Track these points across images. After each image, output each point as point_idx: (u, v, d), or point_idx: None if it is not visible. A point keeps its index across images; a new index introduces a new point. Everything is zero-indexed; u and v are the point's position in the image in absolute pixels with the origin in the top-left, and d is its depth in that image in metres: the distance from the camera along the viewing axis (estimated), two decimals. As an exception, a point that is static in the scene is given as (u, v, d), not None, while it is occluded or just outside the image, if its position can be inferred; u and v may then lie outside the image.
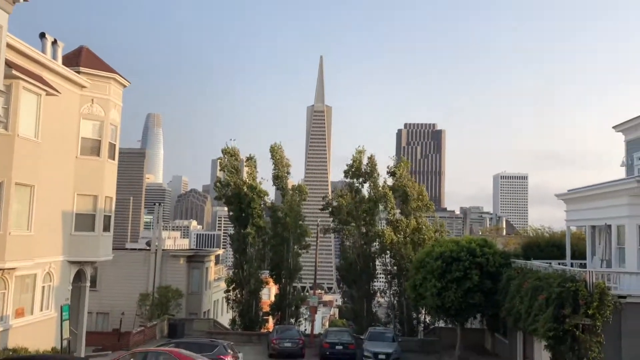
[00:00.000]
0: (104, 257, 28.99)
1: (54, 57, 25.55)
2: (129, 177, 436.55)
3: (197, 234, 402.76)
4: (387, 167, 46.51)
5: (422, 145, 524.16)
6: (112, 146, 28.80)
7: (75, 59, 27.57)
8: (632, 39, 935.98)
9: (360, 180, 46.69)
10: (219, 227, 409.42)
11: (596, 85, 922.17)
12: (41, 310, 25.20)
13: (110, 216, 29.01)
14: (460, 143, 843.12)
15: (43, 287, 25.34)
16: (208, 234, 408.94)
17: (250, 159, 47.30)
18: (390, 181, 46.48)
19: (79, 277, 28.73)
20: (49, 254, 25.51)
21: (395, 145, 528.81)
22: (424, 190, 46.71)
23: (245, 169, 46.53)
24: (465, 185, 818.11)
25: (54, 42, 25.75)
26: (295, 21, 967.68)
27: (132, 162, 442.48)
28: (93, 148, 27.72)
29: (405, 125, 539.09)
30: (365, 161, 47.15)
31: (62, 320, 24.90)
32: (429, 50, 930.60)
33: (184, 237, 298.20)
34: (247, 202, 44.27)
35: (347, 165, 47.09)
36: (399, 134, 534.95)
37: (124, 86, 29.78)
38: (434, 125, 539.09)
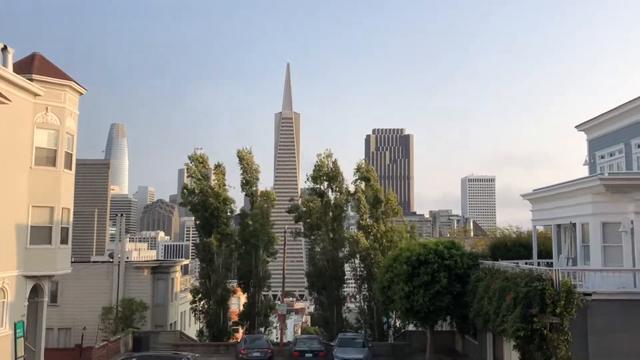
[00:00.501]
0: (62, 271, 28.07)
1: (4, 63, 24.70)
2: (94, 189, 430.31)
3: (165, 245, 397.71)
4: (359, 171, 46.23)
5: (391, 150, 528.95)
6: (68, 156, 27.95)
7: (28, 66, 26.71)
8: (594, 37, 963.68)
9: (325, 184, 46.46)
10: (187, 237, 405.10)
11: (558, 86, 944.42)
12: (-5, 327, 24.18)
13: (67, 228, 28.13)
14: (428, 147, 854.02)
15: (-4, 303, 24.33)
16: (176, 245, 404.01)
17: (218, 166, 46.71)
18: (362, 186, 46.29)
19: (35, 292, 27.73)
20: (2, 269, 24.52)
21: (364, 150, 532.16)
22: (392, 194, 46.74)
23: (213, 177, 45.84)
24: (434, 189, 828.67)
25: (4, 49, 24.93)
26: (261, 27, 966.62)
27: (96, 174, 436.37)
28: (48, 158, 26.85)
29: (374, 130, 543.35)
30: (330, 166, 46.99)
31: (16, 338, 23.93)
32: (395, 55, 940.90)
33: (151, 249, 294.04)
34: (211, 210, 43.59)
35: (312, 170, 46.87)
36: (367, 139, 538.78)
37: (80, 94, 29.00)
38: (402, 130, 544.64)
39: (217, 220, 43.57)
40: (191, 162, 45.65)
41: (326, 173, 46.38)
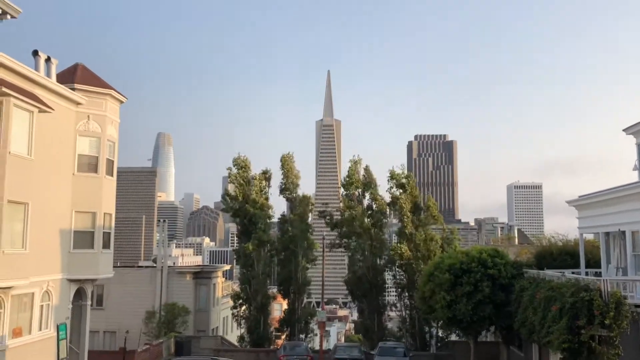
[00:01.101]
0: (104, 275, 28.48)
1: (48, 74, 25.31)
2: (141, 196, 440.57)
3: (210, 251, 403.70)
4: (394, 178, 45.41)
5: (434, 156, 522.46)
6: (110, 162, 28.43)
7: (71, 75, 27.35)
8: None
9: (360, 191, 46.03)
10: (231, 243, 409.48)
11: (606, 90, 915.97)
12: (40, 329, 24.69)
13: (109, 233, 28.55)
14: (472, 153, 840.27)
15: (41, 305, 24.85)
16: (221, 251, 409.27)
17: (265, 172, 46.69)
18: (398, 193, 45.49)
19: (79, 295, 28.24)
20: (46, 273, 25.05)
21: (407, 157, 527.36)
22: (432, 200, 45.77)
23: (254, 182, 45.66)
24: (478, 196, 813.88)
25: (48, 60, 25.54)
26: (301, 36, 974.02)
27: (143, 181, 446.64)
28: (90, 165, 27.35)
29: (416, 136, 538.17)
30: (362, 172, 46.57)
31: (58, 340, 24.36)
32: (437, 60, 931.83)
33: (197, 254, 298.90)
34: (249, 217, 43.66)
35: (343, 178, 46.65)
36: (409, 145, 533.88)
37: (121, 102, 29.50)
38: (445, 136, 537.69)
39: (255, 226, 43.57)
40: (234, 167, 45.76)
41: (357, 180, 46.04)
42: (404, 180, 45.20)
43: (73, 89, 26.67)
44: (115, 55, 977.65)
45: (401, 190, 45.14)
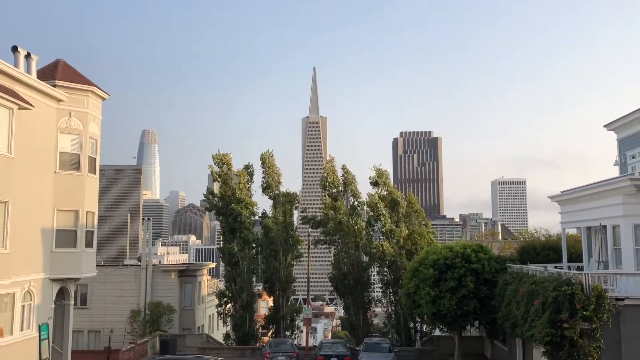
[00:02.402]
0: (87, 274, 28.23)
1: (28, 70, 24.95)
2: (126, 194, 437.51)
3: (196, 249, 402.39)
4: (369, 178, 45.69)
5: (419, 153, 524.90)
6: (92, 160, 28.15)
7: (51, 72, 26.99)
8: (623, 39, 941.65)
9: (334, 190, 46.19)
10: (217, 241, 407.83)
11: (588, 87, 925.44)
12: (22, 330, 24.41)
13: (92, 231, 28.29)
14: (457, 150, 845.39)
15: (23, 306, 24.57)
16: (207, 249, 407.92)
17: (246, 167, 46.29)
18: (374, 191, 45.72)
19: (62, 294, 27.93)
20: (28, 272, 24.74)
21: (392, 154, 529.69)
22: (412, 195, 45.83)
23: (236, 179, 45.34)
24: (463, 192, 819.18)
25: (27, 56, 25.18)
26: (287, 33, 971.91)
27: (128, 179, 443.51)
28: (72, 162, 27.05)
29: (402, 133, 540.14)
30: (340, 172, 46.87)
31: (40, 340, 24.07)
32: (423, 57, 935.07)
33: (182, 252, 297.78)
34: (234, 215, 43.44)
35: (321, 179, 46.83)
36: (395, 142, 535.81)
37: (103, 99, 29.21)
38: (430, 132, 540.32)
39: (241, 225, 43.36)
40: (215, 164, 45.31)
41: (336, 180, 46.21)
42: (378, 180, 45.24)
43: (54, 86, 26.33)
44: (98, 51, 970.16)
45: (377, 190, 45.28)
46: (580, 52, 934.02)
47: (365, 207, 45.42)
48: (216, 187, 46.73)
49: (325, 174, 46.87)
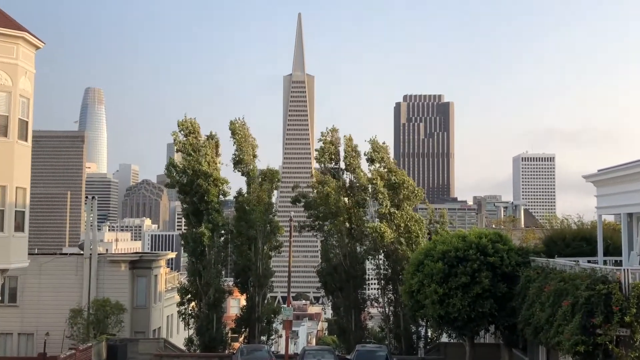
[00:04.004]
0: (17, 264, 28.11)
1: (-57, 9, 24.50)
2: (65, 167, 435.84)
3: (152, 235, 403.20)
4: (365, 153, 46.12)
5: (426, 121, 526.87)
6: (23, 123, 27.90)
7: (-28, 13, 26.54)
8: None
9: (337, 165, 46.50)
10: (178, 226, 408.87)
11: (629, 53, 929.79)
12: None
13: (23, 212, 28.13)
14: (473, 118, 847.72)
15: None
16: (165, 235, 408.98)
17: (211, 137, 46.28)
18: (371, 168, 46.03)
19: (-14, 289, 27.86)
20: (-57, 261, 24.59)
21: (393, 122, 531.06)
22: (406, 177, 45.73)
23: (205, 150, 45.20)
24: (479, 170, 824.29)
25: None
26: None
27: (68, 149, 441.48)
28: (-2, 126, 26.77)
29: (405, 97, 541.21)
30: (342, 144, 46.94)
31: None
32: (433, 6, 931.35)
33: (135, 239, 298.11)
34: (200, 194, 43.41)
35: (317, 150, 47.01)
36: (397, 108, 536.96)
37: (37, 48, 28.87)
38: (440, 96, 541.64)
39: (207, 205, 43.37)
40: (180, 132, 45.30)
41: (334, 151, 46.41)
42: (373, 155, 45.44)
43: (-25, 31, 25.92)
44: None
45: (376, 165, 45.59)
46: (612, 20, 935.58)
47: (368, 185, 45.63)
48: (178, 158, 46.65)
49: (323, 144, 46.74)
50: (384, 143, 46.86)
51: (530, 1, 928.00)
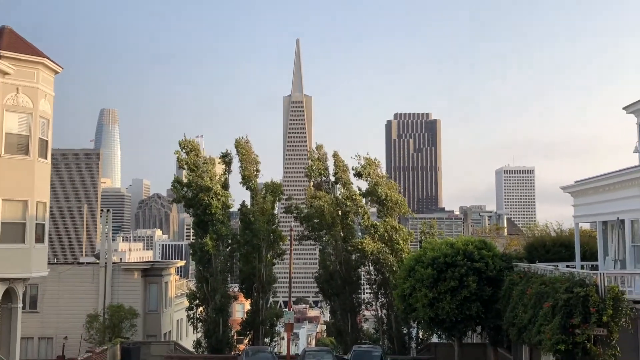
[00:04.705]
0: (37, 273, 28.02)
1: (-32, 38, 24.54)
2: (82, 182, 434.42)
3: (163, 245, 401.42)
4: (353, 169, 46.01)
5: (415, 137, 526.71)
6: (43, 143, 27.87)
7: (-5, 40, 26.55)
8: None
9: (327, 179, 46.50)
10: (187, 236, 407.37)
11: (604, 63, 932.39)
12: (-38, 337, 24.19)
13: (43, 224, 28.07)
14: (458, 135, 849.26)
15: (-37, 309, 24.32)
16: (175, 245, 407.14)
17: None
18: (359, 184, 46.21)
19: (8, 296, 27.68)
20: (-32, 271, 24.47)
21: (385, 138, 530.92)
22: (389, 191, 45.55)
23: (205, 167, 45.20)
24: (464, 181, 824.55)
25: (-32, 21, 24.72)
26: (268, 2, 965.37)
27: (85, 165, 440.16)
28: (20, 145, 26.80)
29: (396, 115, 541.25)
30: (331, 160, 47.15)
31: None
32: (420, 31, 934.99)
33: (147, 249, 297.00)
34: (203, 207, 43.42)
35: (307, 167, 47.25)
36: (388, 125, 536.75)
37: (56, 72, 28.91)
38: (427, 114, 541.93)
39: (212, 217, 43.35)
40: (182, 150, 45.30)
41: (323, 167, 46.41)
42: (362, 171, 45.44)
43: (-1, 57, 25.94)
44: (50, 19, 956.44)
45: (363, 180, 45.68)
46: (584, 38, 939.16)
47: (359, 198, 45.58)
48: (184, 176, 46.63)
49: (310, 162, 46.93)
50: (375, 159, 46.88)
51: (506, 24, 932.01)
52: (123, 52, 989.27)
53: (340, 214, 44.91)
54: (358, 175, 45.77)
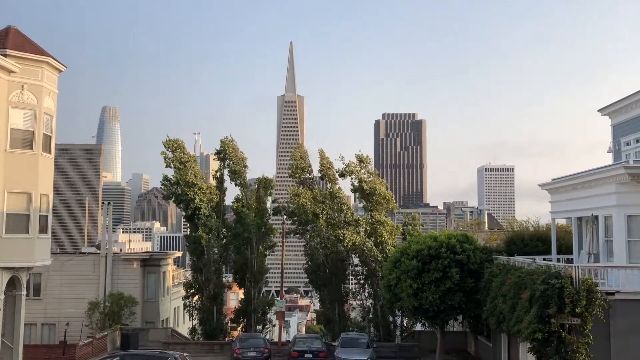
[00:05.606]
0: (41, 262, 27.80)
1: (-26, 37, 24.29)
2: (84, 176, 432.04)
3: (161, 237, 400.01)
4: (336, 170, 45.96)
5: (402, 136, 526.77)
6: (47, 138, 27.62)
7: (1, 40, 26.28)
8: (613, 23, 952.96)
9: (311, 176, 46.67)
10: (184, 228, 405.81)
11: (581, 72, 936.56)
12: (-32, 323, 23.99)
13: (47, 216, 27.83)
14: (443, 134, 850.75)
15: (-31, 297, 24.13)
16: (172, 236, 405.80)
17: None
18: (344, 183, 46.41)
19: (13, 284, 27.48)
20: (-25, 260, 24.27)
21: (373, 137, 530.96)
22: (376, 185, 45.47)
23: (189, 165, 44.98)
24: (448, 178, 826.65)
25: (-25, 21, 24.50)
26: (263, 5, 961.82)
27: (87, 160, 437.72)
28: (25, 140, 26.51)
29: (384, 115, 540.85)
30: (317, 157, 47.23)
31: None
32: (408, 34, 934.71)
33: (146, 240, 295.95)
34: (187, 202, 43.37)
35: (290, 167, 47.14)
36: (376, 125, 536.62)
37: (60, 71, 28.62)
38: (414, 115, 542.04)
39: (198, 212, 43.41)
40: (167, 149, 44.96)
41: (305, 165, 46.39)
42: (345, 171, 45.53)
43: (4, 55, 25.62)
44: (54, 19, 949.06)
45: (348, 178, 45.76)
46: (579, 29, 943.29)
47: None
48: (173, 174, 46.43)
49: (294, 161, 46.77)
50: (367, 156, 46.86)
51: (486, 30, 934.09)
52: (124, 53, 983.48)
53: (323, 209, 44.80)
54: (342, 175, 45.82)
